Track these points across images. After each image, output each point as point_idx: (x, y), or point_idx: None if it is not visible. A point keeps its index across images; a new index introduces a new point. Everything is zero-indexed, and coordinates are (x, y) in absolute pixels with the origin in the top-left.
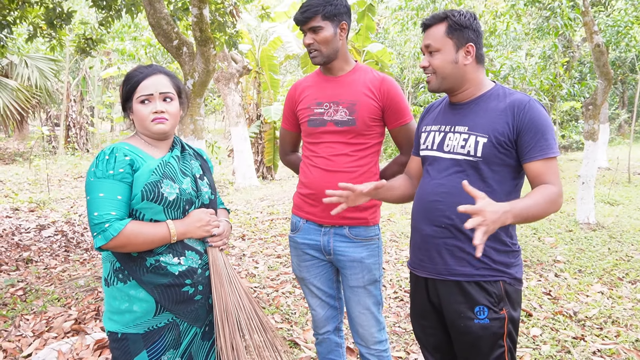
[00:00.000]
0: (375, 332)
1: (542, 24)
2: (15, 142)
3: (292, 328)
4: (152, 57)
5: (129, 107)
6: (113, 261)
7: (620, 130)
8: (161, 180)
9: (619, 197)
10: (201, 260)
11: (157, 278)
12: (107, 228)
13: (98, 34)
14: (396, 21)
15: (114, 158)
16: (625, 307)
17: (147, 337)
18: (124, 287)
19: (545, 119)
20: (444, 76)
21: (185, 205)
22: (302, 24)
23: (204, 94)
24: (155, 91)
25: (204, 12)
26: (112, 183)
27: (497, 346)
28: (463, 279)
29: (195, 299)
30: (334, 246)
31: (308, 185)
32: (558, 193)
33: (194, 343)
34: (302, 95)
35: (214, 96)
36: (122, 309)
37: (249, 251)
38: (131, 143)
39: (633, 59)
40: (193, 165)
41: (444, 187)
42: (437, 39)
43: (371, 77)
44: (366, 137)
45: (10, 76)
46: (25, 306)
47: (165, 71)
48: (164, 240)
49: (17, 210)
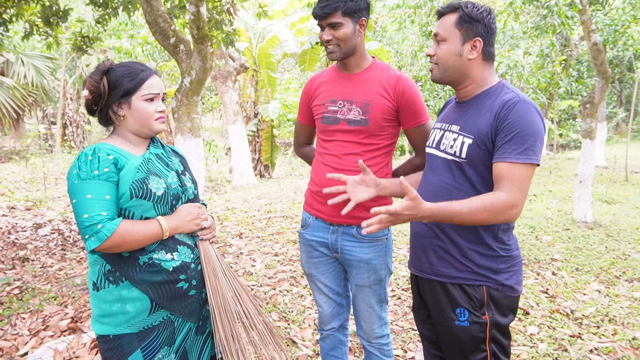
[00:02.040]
0: (377, 327)
1: (539, 22)
2: (12, 140)
3: (289, 326)
4: (149, 54)
5: (123, 102)
6: (102, 264)
7: (618, 128)
8: (147, 177)
9: (616, 196)
10: (193, 255)
11: (151, 276)
12: (100, 229)
13: (95, 31)
14: (394, 19)
15: (97, 158)
16: (622, 306)
17: (141, 336)
18: (116, 289)
19: (530, 123)
20: (446, 67)
21: (172, 201)
22: (321, 19)
23: (201, 92)
24: (161, 91)
25: (201, 10)
26: (99, 183)
27: (478, 350)
28: (446, 280)
29: (190, 294)
30: (341, 245)
31: (317, 183)
32: (507, 204)
33: (188, 338)
34: (317, 90)
35: (211, 94)
36: (114, 311)
37: (247, 249)
38: (111, 143)
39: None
40: (174, 161)
41: (432, 185)
42: (446, 28)
43: (387, 76)
44: (378, 138)
45: (7, 74)
46: (22, 305)
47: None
48: (157, 236)
49: (14, 208)
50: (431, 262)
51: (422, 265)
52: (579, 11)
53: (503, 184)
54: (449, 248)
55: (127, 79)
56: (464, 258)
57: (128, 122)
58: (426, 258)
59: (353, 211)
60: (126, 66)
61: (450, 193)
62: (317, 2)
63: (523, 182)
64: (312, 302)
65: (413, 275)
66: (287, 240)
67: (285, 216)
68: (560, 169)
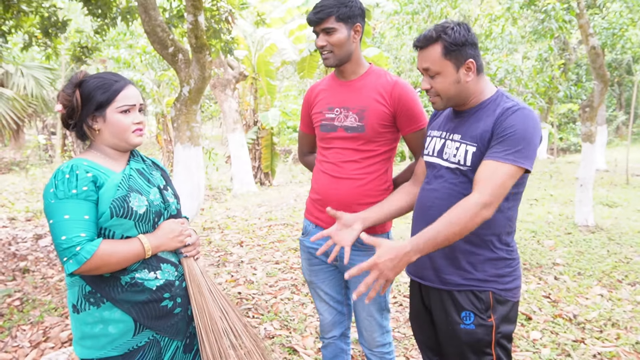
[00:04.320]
0: (378, 336)
1: (537, 26)
2: (12, 151)
3: (290, 334)
4: (147, 64)
5: (97, 115)
6: (82, 285)
7: (618, 132)
8: (128, 195)
9: (617, 199)
10: (177, 272)
11: (134, 296)
12: (79, 252)
13: (93, 42)
14: (392, 25)
15: (75, 176)
16: (625, 310)
17: (127, 358)
18: (97, 311)
19: (526, 128)
20: (449, 97)
21: (154, 218)
22: (314, 24)
23: (200, 101)
24: (137, 102)
25: (199, 19)
26: (77, 203)
27: (483, 354)
28: (451, 289)
29: (175, 312)
30: (341, 253)
31: (317, 191)
32: (477, 203)
33: (176, 357)
34: (316, 98)
35: (210, 103)
36: (96, 333)
37: (247, 258)
38: (88, 158)
39: (629, 60)
40: (155, 175)
41: (437, 193)
42: (435, 62)
43: (383, 82)
44: (376, 144)
45: (6, 85)
46: (22, 316)
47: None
48: (139, 256)
49: (14, 219)
50: (436, 269)
51: (426, 273)
52: (577, 15)
53: (478, 185)
54: (454, 254)
55: (100, 90)
56: (470, 265)
57: (104, 136)
58: (431, 265)
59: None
60: (99, 77)
61: (458, 199)
62: (312, 8)
63: (502, 183)
64: (313, 310)
65: (415, 282)
66: (288, 248)
67: (285, 224)
68: (561, 173)
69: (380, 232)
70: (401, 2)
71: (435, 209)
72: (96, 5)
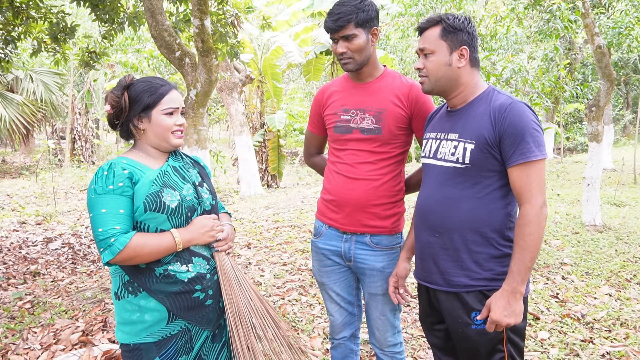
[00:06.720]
0: (390, 336)
1: (542, 26)
2: (22, 155)
3: (299, 335)
4: (154, 68)
5: (143, 116)
6: (122, 275)
7: (625, 131)
8: (162, 190)
9: (625, 199)
10: (209, 266)
11: (167, 287)
12: (113, 243)
13: (101, 47)
14: (397, 27)
15: (113, 173)
16: (634, 309)
17: (160, 345)
18: (135, 299)
19: (526, 121)
20: (437, 78)
21: (187, 213)
22: (333, 32)
23: (207, 104)
24: (180, 105)
25: (205, 23)
26: (113, 198)
27: (496, 351)
28: (459, 290)
29: (206, 304)
30: (354, 253)
31: (331, 192)
32: (536, 210)
33: (205, 346)
34: (329, 100)
35: (217, 106)
36: (134, 320)
37: (255, 259)
38: (129, 157)
39: (636, 59)
40: (192, 173)
41: (436, 195)
42: (432, 41)
43: (399, 84)
44: (391, 146)
45: (16, 91)
46: (33, 319)
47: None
48: (170, 249)
49: (24, 223)
50: (443, 272)
51: (433, 277)
52: (582, 15)
53: (522, 195)
54: (459, 255)
55: (147, 93)
56: (475, 264)
57: (148, 135)
58: (437, 269)
59: (366, 220)
60: (146, 81)
61: (456, 202)
62: (328, 15)
63: (538, 180)
64: (321, 311)
65: (421, 285)
66: (296, 249)
67: (293, 225)
68: (568, 173)
69: (395, 233)
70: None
71: (436, 211)
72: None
